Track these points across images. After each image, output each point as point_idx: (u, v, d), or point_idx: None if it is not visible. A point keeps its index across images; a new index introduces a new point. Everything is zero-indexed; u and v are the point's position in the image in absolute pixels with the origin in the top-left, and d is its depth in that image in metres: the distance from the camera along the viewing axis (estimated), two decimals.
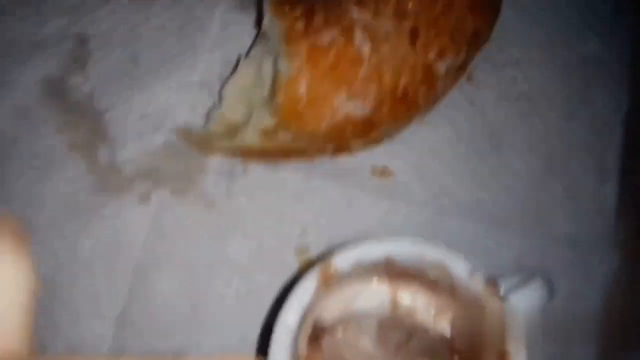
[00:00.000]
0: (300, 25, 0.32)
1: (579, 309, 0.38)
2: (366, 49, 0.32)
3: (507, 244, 0.39)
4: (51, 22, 0.41)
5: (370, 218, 0.38)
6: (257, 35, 0.38)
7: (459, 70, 0.36)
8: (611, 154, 0.42)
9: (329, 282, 0.29)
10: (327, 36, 0.32)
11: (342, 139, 0.35)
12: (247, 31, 0.41)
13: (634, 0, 0.46)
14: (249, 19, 0.42)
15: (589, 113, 0.43)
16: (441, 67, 0.34)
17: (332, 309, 0.32)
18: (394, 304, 0.32)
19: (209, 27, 0.41)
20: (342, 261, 0.28)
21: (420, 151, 0.40)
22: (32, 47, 0.40)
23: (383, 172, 0.39)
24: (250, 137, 0.35)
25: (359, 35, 0.32)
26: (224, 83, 0.39)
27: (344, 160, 0.39)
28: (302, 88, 0.31)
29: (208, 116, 0.38)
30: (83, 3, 0.41)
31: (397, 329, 0.32)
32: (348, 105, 0.32)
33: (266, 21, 0.35)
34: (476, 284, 0.29)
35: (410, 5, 0.33)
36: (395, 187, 0.39)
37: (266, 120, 0.34)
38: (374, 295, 0.32)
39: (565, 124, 0.42)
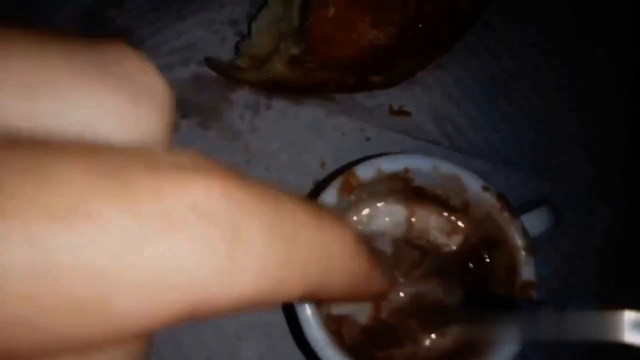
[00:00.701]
0: None
1: (584, 246, 0.39)
2: None
3: (516, 182, 0.39)
4: None
5: (387, 153, 0.39)
6: None
7: (478, 9, 0.37)
8: (619, 104, 0.42)
9: (351, 192, 0.29)
10: None
11: (364, 70, 0.35)
12: None
13: None
14: None
15: (601, 64, 0.43)
16: (463, 1, 0.35)
17: None
18: (409, 224, 0.33)
19: None
20: (364, 170, 0.29)
21: (435, 93, 0.40)
22: None
23: (400, 112, 0.40)
24: (277, 66, 0.35)
25: None
26: (252, 18, 0.39)
27: (363, 99, 0.39)
28: (331, 11, 0.32)
29: (236, 49, 0.39)
30: None
31: (411, 250, 0.33)
32: (372, 32, 0.33)
33: None
34: (488, 198, 0.29)
35: None
36: (411, 126, 0.39)
37: (293, 49, 0.34)
38: (389, 216, 0.33)
39: (576, 73, 0.42)
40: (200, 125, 0.39)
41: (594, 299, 0.39)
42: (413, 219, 0.33)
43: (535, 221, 0.32)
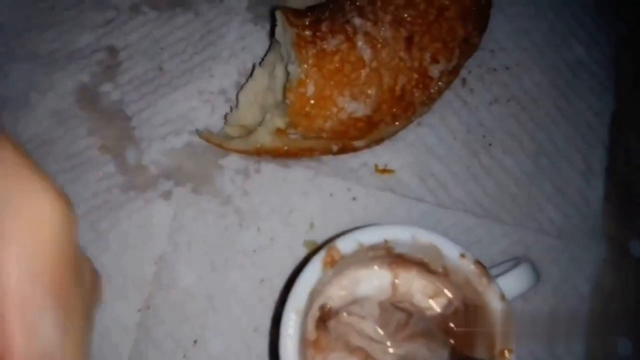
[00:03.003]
0: (308, 33, 0.33)
1: (568, 295, 0.39)
2: (367, 54, 0.33)
3: (499, 234, 0.39)
4: (86, 35, 0.42)
5: (373, 212, 0.39)
6: (270, 45, 0.40)
7: (452, 73, 0.37)
8: (596, 152, 0.42)
9: (333, 265, 0.30)
10: (333, 42, 0.33)
11: (346, 138, 0.36)
12: (260, 42, 0.43)
13: (614, 9, 0.47)
14: (263, 30, 0.43)
15: (575, 114, 0.43)
16: (435, 71, 0.35)
17: (337, 294, 0.33)
18: (394, 288, 0.33)
19: (226, 39, 0.43)
20: (345, 244, 0.29)
21: (418, 150, 0.41)
22: (69, 58, 0.42)
23: (385, 170, 0.40)
24: (263, 137, 0.36)
25: (360, 42, 0.33)
26: (239, 89, 0.40)
27: (349, 159, 0.40)
28: (310, 89, 0.33)
29: (225, 119, 0.39)
30: (114, 18, 0.43)
31: (396, 312, 0.33)
32: (351, 105, 0.33)
33: (278, 30, 0.36)
34: (466, 265, 0.30)
35: (406, 14, 0.34)
36: (396, 183, 0.40)
37: (278, 121, 0.35)
38: (375, 280, 0.33)
39: (553, 125, 0.43)
40: (193, 192, 0.39)
41: (581, 345, 0.38)
42: (397, 281, 0.33)
43: (516, 280, 0.32)
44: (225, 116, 0.40)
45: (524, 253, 0.39)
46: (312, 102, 0.33)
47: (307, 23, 0.34)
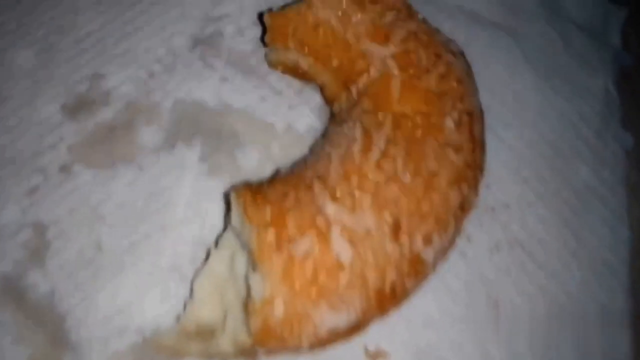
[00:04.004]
0: (271, 235, 0.27)
1: None
2: (346, 254, 0.27)
3: None
4: (7, 210, 0.35)
5: None
6: (226, 222, 0.34)
7: (449, 245, 0.32)
8: (618, 299, 0.37)
9: None
10: (302, 246, 0.27)
11: (328, 345, 0.29)
12: (217, 202, 0.36)
13: (619, 120, 0.42)
14: (220, 186, 0.37)
15: (588, 253, 0.38)
16: (429, 254, 0.29)
17: None
18: None
19: (177, 201, 0.36)
20: None
21: (414, 324, 0.35)
22: None
23: (377, 355, 0.34)
24: (227, 348, 0.29)
25: (336, 238, 0.27)
26: (195, 274, 0.34)
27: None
28: (279, 309, 0.26)
29: (179, 316, 0.33)
30: (40, 184, 0.36)
31: None
32: (331, 318, 0.27)
33: (235, 215, 0.30)
34: None
35: (388, 192, 0.29)
36: None
37: (242, 335, 0.28)
38: None
39: (564, 270, 0.37)
40: None
41: None
42: None
43: None
44: (179, 315, 0.33)
45: None
46: (282, 322, 0.26)
47: (268, 217, 0.28)
